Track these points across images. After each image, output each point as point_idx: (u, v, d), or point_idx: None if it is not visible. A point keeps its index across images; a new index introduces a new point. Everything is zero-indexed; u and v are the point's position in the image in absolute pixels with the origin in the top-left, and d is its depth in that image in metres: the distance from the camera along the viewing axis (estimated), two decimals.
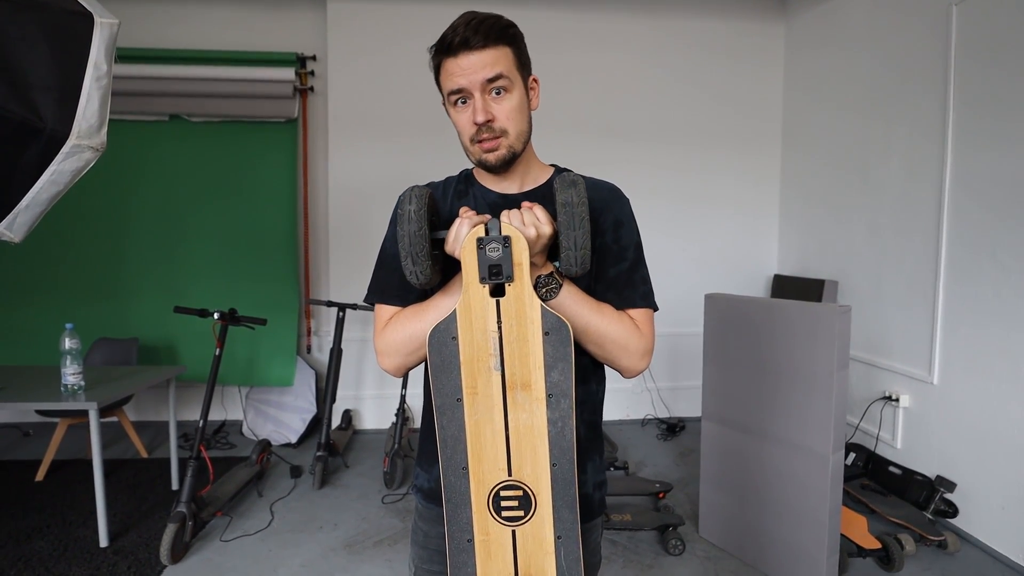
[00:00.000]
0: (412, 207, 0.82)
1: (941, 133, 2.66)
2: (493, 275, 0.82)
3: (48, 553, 2.31)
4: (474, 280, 0.83)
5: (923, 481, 2.62)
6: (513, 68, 0.90)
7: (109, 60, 1.26)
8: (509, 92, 0.90)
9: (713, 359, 2.40)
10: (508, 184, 1.00)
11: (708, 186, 4.05)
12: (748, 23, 3.99)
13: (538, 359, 0.83)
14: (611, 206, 0.99)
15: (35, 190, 1.26)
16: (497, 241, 0.82)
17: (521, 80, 0.92)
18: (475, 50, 0.87)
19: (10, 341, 3.61)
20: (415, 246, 0.82)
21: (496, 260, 0.82)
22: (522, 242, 0.82)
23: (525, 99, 0.93)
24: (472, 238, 0.82)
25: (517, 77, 0.91)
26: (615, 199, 1.01)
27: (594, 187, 0.99)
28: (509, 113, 0.91)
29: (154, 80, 3.56)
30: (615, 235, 0.99)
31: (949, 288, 2.62)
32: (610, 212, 0.99)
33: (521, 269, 0.82)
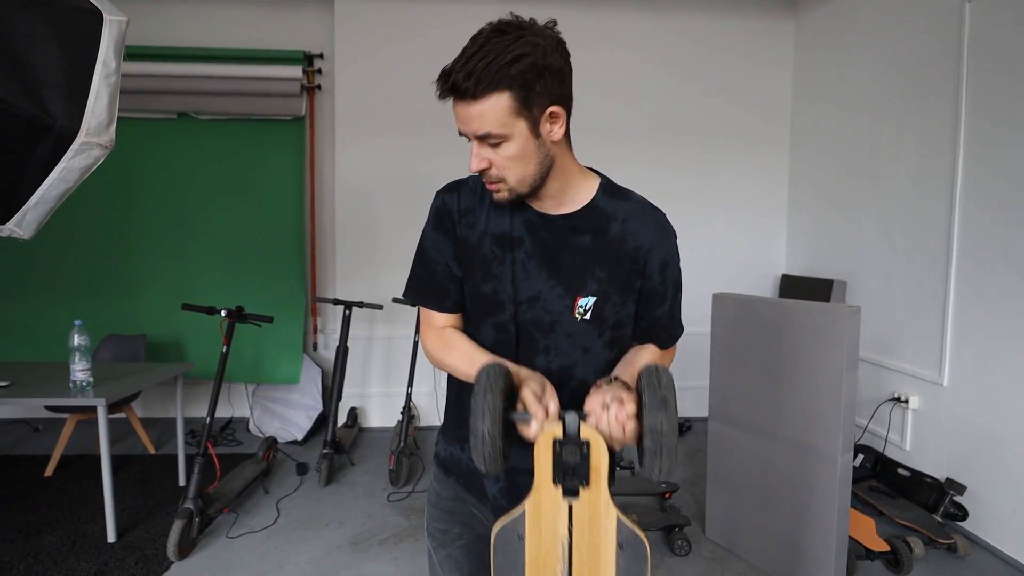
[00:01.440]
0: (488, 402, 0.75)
1: (952, 131, 2.63)
2: (568, 478, 0.77)
3: (57, 548, 2.32)
4: (547, 480, 0.78)
5: (932, 483, 2.60)
6: (510, 116, 0.81)
7: (118, 57, 1.27)
8: (506, 141, 0.83)
9: (721, 359, 2.39)
10: (545, 205, 0.93)
11: (716, 185, 4.03)
12: (757, 21, 3.96)
13: (609, 572, 0.78)
14: (659, 246, 0.93)
15: (44, 187, 1.27)
16: (576, 444, 0.77)
17: (525, 123, 0.82)
18: (467, 100, 0.80)
19: (20, 337, 3.64)
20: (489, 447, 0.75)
21: (573, 464, 0.77)
22: (602, 447, 0.77)
23: (530, 141, 0.84)
24: (548, 437, 0.78)
25: (516, 123, 0.82)
26: (663, 238, 0.93)
27: (640, 223, 0.92)
28: (506, 162, 0.85)
29: (162, 78, 3.58)
30: (661, 277, 0.94)
31: (960, 288, 2.59)
32: (658, 254, 0.93)
33: (598, 474, 0.77)
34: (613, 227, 0.91)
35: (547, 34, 0.82)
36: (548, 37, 0.82)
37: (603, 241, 0.91)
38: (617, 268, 0.91)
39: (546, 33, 0.82)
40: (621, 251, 0.91)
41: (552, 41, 0.82)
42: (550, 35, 0.82)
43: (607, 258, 0.90)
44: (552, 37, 0.82)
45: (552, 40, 0.82)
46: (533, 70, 0.79)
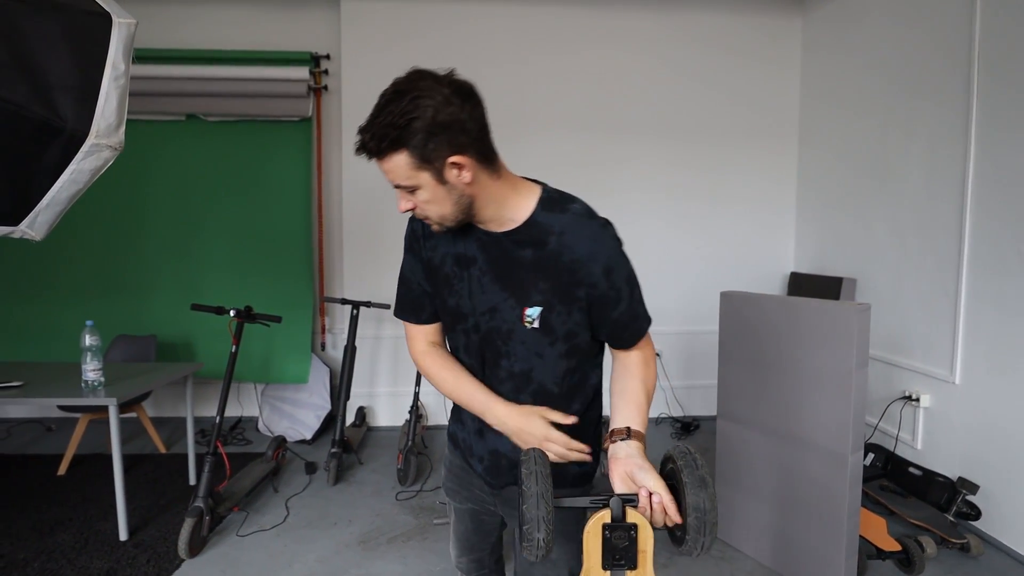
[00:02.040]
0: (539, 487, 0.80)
1: (964, 126, 2.60)
2: (616, 563, 0.83)
3: (70, 545, 2.35)
4: (596, 565, 0.83)
5: (944, 483, 2.57)
6: (411, 171, 0.88)
7: (127, 60, 1.28)
8: (418, 189, 0.91)
9: (729, 358, 2.38)
10: (489, 225, 1.00)
11: (724, 183, 4.01)
12: (764, 18, 3.93)
13: None
14: (596, 256, 0.97)
15: (55, 189, 1.28)
16: (624, 530, 0.83)
17: (429, 175, 0.89)
18: (374, 159, 0.90)
19: (33, 338, 3.69)
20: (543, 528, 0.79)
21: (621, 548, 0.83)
22: (648, 530, 0.84)
23: (438, 188, 0.91)
24: (598, 523, 0.84)
25: (421, 175, 0.89)
26: (599, 248, 0.97)
27: (575, 237, 0.97)
28: (423, 204, 0.93)
29: (170, 80, 3.61)
30: (608, 281, 0.98)
31: (972, 285, 2.56)
32: (596, 262, 0.97)
33: (645, 556, 0.83)
34: (551, 241, 0.97)
35: (441, 89, 0.87)
36: (441, 93, 0.86)
37: (542, 255, 0.97)
38: (557, 280, 0.97)
39: (440, 89, 0.87)
40: (559, 264, 0.96)
41: (444, 97, 0.86)
42: (442, 93, 0.87)
43: (547, 271, 0.97)
44: (445, 93, 0.87)
45: (445, 95, 0.86)
46: (425, 130, 0.86)
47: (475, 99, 0.90)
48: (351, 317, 3.30)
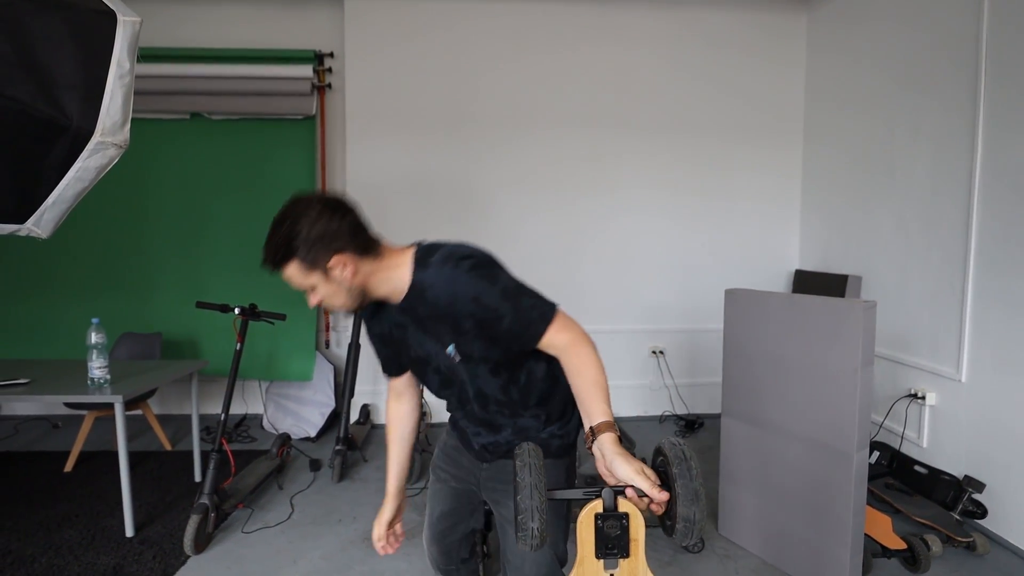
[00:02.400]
0: (532, 478, 0.84)
1: (971, 121, 2.58)
2: (610, 551, 0.85)
3: (77, 542, 2.37)
4: (590, 554, 0.86)
5: (950, 481, 2.56)
6: (303, 276, 1.10)
7: (132, 58, 1.28)
8: (315, 288, 1.12)
9: (733, 355, 2.37)
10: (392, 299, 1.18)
11: (728, 180, 3.99)
12: (768, 16, 3.91)
13: None
14: (459, 296, 1.09)
15: (61, 187, 1.28)
16: (616, 519, 0.85)
17: (318, 275, 1.09)
18: (274, 271, 1.11)
19: (39, 336, 3.71)
20: (537, 517, 0.82)
21: (614, 536, 0.85)
22: (639, 519, 0.87)
23: (329, 284, 1.11)
24: (590, 513, 0.87)
25: (312, 277, 1.10)
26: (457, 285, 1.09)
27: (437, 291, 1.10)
28: (325, 299, 1.14)
29: (175, 79, 3.62)
30: (481, 306, 1.09)
31: (979, 282, 2.55)
32: (461, 301, 1.09)
33: (637, 545, 0.85)
34: (428, 296, 1.12)
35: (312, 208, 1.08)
36: (313, 211, 1.07)
37: (428, 309, 1.14)
38: (447, 322, 1.14)
39: (312, 208, 1.08)
40: (437, 311, 1.13)
41: (316, 213, 1.07)
42: (316, 207, 1.08)
43: (438, 318, 1.14)
44: (316, 210, 1.08)
45: (317, 212, 1.07)
46: (305, 243, 1.07)
47: (343, 209, 1.11)
48: (355, 315, 3.31)
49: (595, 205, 3.92)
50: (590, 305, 3.96)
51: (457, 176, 3.82)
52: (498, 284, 1.10)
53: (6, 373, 2.63)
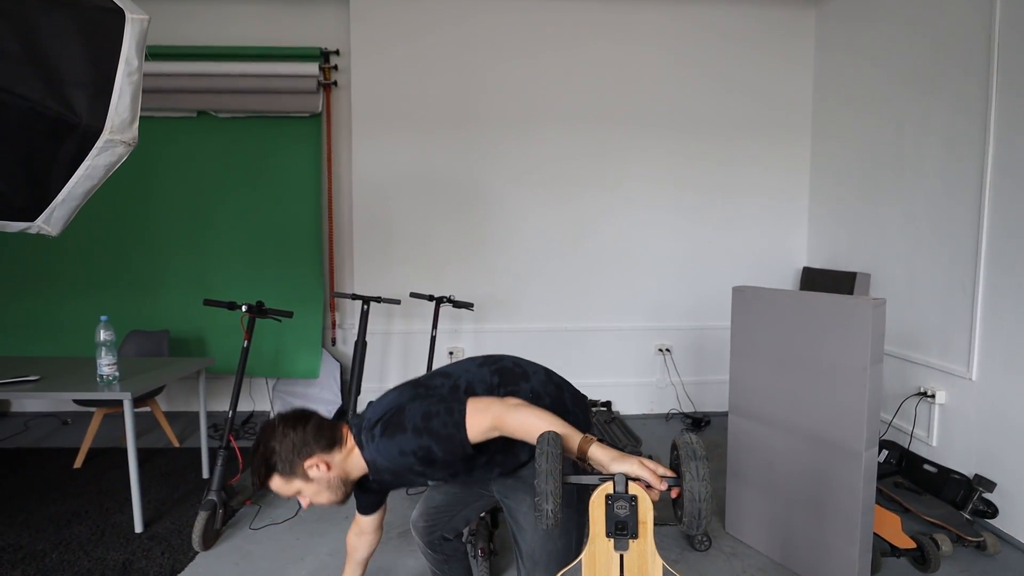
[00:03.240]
0: (549, 464, 0.91)
1: (983, 116, 2.55)
2: (619, 531, 0.90)
3: (86, 537, 2.38)
4: (601, 533, 0.91)
5: (960, 480, 2.54)
6: (287, 484, 1.27)
7: (140, 55, 1.28)
8: (302, 491, 1.28)
9: (741, 353, 2.36)
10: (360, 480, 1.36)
11: (736, 177, 3.97)
12: (777, 11, 3.88)
13: None
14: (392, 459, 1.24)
15: (71, 185, 1.29)
16: (625, 500, 0.91)
17: (299, 481, 1.27)
18: (263, 487, 1.29)
19: (48, 333, 3.74)
20: (552, 500, 0.89)
21: (623, 517, 0.90)
22: (647, 502, 0.92)
23: (311, 485, 1.27)
24: (601, 494, 0.93)
25: (294, 483, 1.27)
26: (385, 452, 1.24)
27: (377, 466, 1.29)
28: (313, 499, 1.30)
29: (182, 77, 3.63)
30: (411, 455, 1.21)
31: (990, 280, 2.52)
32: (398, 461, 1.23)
33: (645, 527, 0.90)
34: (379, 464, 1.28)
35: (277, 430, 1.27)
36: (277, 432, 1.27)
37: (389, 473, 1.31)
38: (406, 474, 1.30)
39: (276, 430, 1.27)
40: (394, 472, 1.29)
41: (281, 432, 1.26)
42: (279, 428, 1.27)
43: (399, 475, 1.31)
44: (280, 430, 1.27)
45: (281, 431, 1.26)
46: (279, 459, 1.26)
47: (303, 418, 1.29)
48: (361, 312, 3.31)
49: (601, 202, 3.91)
50: (596, 302, 3.95)
51: (463, 173, 3.81)
52: (408, 427, 1.21)
53: (16, 370, 2.66)
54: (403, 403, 1.26)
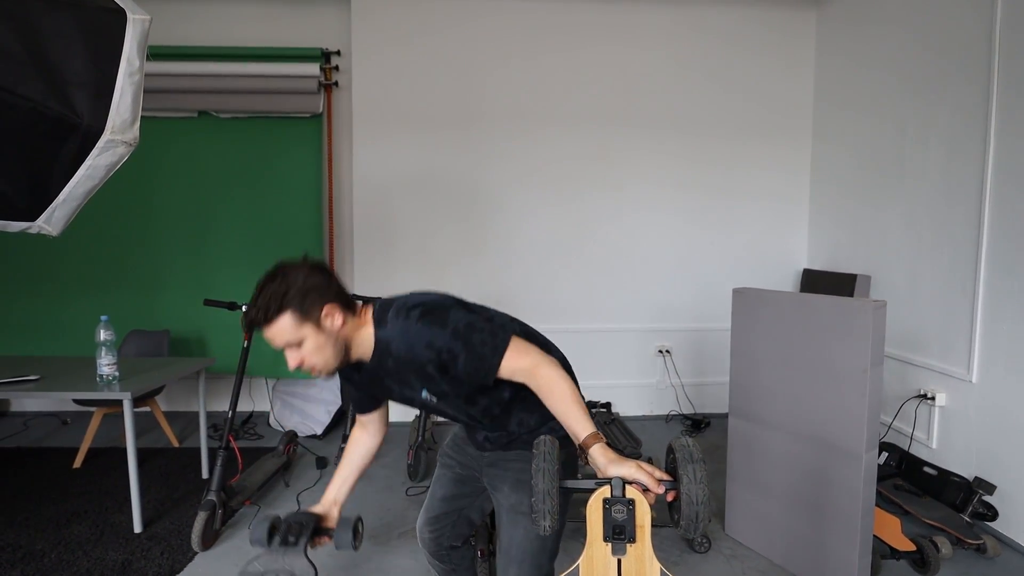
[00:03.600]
0: (546, 464, 0.90)
1: (983, 119, 2.55)
2: (617, 535, 0.89)
3: (86, 537, 2.38)
4: (598, 537, 0.90)
5: (960, 482, 2.54)
6: (296, 327, 1.14)
7: (141, 56, 1.28)
8: (304, 342, 1.15)
9: (741, 354, 2.36)
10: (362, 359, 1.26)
11: (736, 179, 3.98)
12: (778, 12, 3.88)
13: None
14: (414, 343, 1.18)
15: (72, 184, 1.29)
16: (623, 504, 0.90)
17: (310, 327, 1.15)
18: (264, 327, 1.14)
19: (48, 333, 3.74)
20: (548, 501, 0.88)
21: (621, 521, 0.89)
22: (645, 506, 0.91)
23: (319, 336, 1.16)
24: (599, 498, 0.92)
25: (304, 328, 1.14)
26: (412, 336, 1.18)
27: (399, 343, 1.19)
28: (310, 354, 1.17)
29: (183, 77, 3.63)
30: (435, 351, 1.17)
31: (990, 282, 2.52)
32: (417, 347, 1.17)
33: (643, 531, 0.89)
34: (392, 348, 1.21)
35: (302, 266, 1.17)
36: (303, 268, 1.16)
37: (395, 360, 1.23)
38: (412, 371, 1.22)
39: (301, 267, 1.17)
40: (403, 362, 1.21)
41: (307, 269, 1.17)
42: (304, 266, 1.17)
43: (405, 368, 1.23)
44: (306, 267, 1.17)
45: (306, 269, 1.17)
46: (300, 293, 1.14)
47: (328, 271, 1.21)
48: None
49: (602, 203, 3.91)
50: (597, 304, 3.95)
51: (464, 174, 3.81)
52: (448, 326, 1.17)
53: (16, 369, 2.66)
54: (449, 305, 1.22)
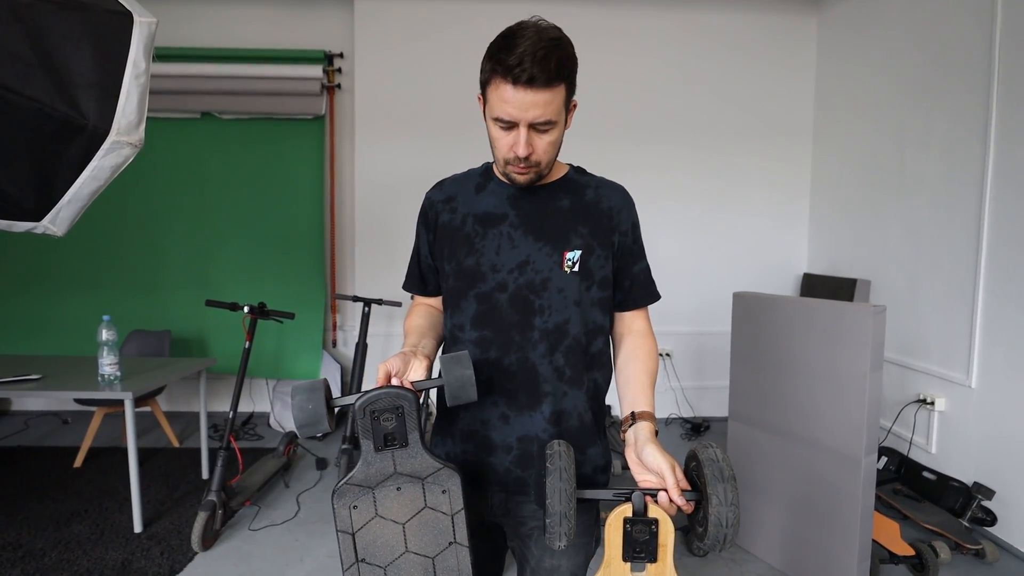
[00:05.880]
0: (563, 484, 0.81)
1: (983, 124, 2.56)
2: (637, 555, 0.83)
3: (86, 537, 2.39)
4: (617, 556, 0.83)
5: (959, 487, 2.54)
6: (562, 107, 0.92)
7: (147, 58, 1.30)
8: (553, 128, 0.93)
9: (741, 359, 2.36)
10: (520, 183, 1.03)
11: (736, 183, 3.98)
12: (778, 17, 3.90)
13: None
14: (627, 208, 1.07)
15: (77, 185, 1.30)
16: (645, 524, 0.83)
17: (564, 114, 0.95)
18: (537, 89, 0.87)
19: (50, 332, 3.75)
20: (565, 505, 0.80)
21: (642, 541, 0.83)
22: (669, 524, 0.84)
23: (562, 129, 0.96)
24: (620, 516, 0.83)
25: (563, 113, 0.94)
26: (626, 203, 1.07)
27: (609, 190, 1.07)
28: (547, 147, 0.95)
29: (186, 78, 3.65)
30: (634, 235, 1.07)
31: (990, 287, 2.53)
32: (628, 214, 1.06)
33: (665, 550, 0.83)
34: (588, 192, 1.05)
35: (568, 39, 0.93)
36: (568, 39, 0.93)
37: (581, 202, 1.03)
38: (596, 224, 1.02)
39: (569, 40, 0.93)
40: (597, 210, 1.03)
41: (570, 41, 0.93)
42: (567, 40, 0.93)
43: (587, 216, 1.02)
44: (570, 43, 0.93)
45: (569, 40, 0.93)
46: (575, 66, 0.93)
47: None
48: (363, 314, 3.32)
49: None
50: None
51: None
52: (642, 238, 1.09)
53: (17, 369, 2.66)
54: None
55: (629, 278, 1.06)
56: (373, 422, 0.85)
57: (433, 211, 1.10)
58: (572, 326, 1.00)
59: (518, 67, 0.86)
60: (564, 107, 0.93)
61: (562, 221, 1.01)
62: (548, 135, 0.93)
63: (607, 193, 1.05)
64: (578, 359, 1.01)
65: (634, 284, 1.07)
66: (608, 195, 1.05)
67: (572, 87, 0.93)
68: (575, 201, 1.02)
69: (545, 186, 1.03)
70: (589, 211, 1.02)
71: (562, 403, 1.01)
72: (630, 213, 1.07)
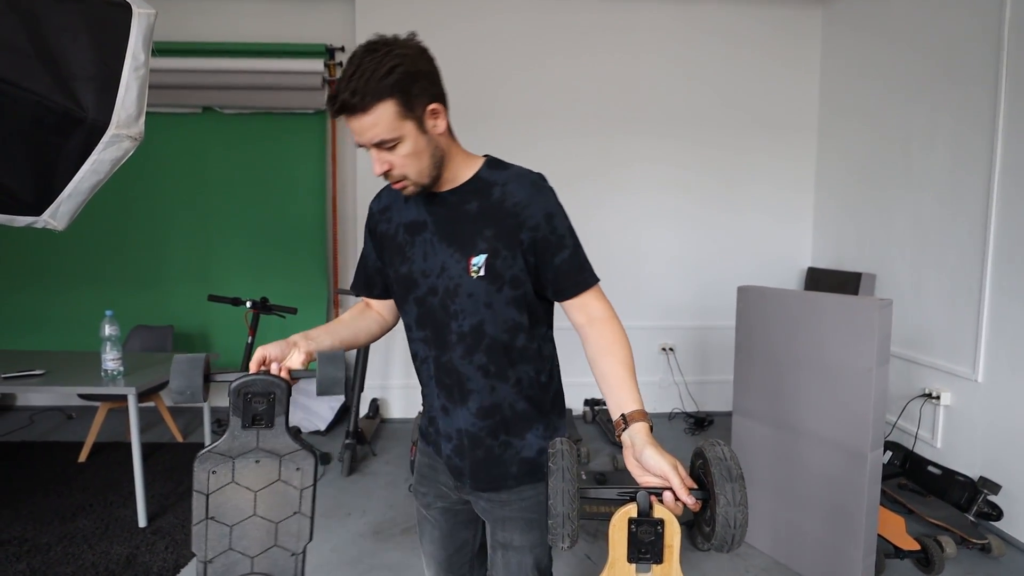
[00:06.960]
0: (565, 485, 0.80)
1: (991, 118, 2.53)
2: (642, 556, 0.81)
3: (91, 531, 2.39)
4: (621, 557, 0.82)
5: (965, 482, 2.53)
6: (397, 120, 0.91)
7: (146, 50, 1.28)
8: (400, 143, 0.93)
9: (745, 353, 2.35)
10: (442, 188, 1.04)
11: (741, 176, 3.96)
12: (782, 11, 3.86)
13: None
14: (536, 201, 1.02)
15: (77, 179, 1.29)
16: (651, 524, 0.81)
17: (412, 124, 0.92)
18: (356, 114, 0.89)
19: (54, 328, 3.75)
20: (568, 524, 0.78)
21: (647, 542, 0.81)
22: (675, 525, 0.82)
23: (420, 138, 0.94)
24: (624, 517, 0.82)
25: (404, 125, 0.92)
26: (539, 191, 1.03)
27: (517, 185, 1.03)
28: (403, 160, 0.95)
29: (187, 73, 3.63)
30: (550, 226, 1.02)
31: (996, 281, 2.51)
32: (537, 205, 1.02)
33: (671, 551, 0.82)
34: (495, 191, 1.02)
35: (411, 45, 0.92)
36: (412, 47, 0.92)
37: (487, 204, 1.02)
38: (501, 225, 1.00)
39: (410, 44, 0.92)
40: (502, 210, 1.01)
41: (416, 50, 0.92)
42: (414, 45, 0.93)
43: (492, 218, 1.01)
44: (415, 47, 0.93)
45: (416, 49, 0.92)
46: (407, 77, 0.89)
47: (434, 61, 0.97)
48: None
49: (606, 202, 3.90)
50: None
51: None
52: (568, 220, 1.05)
53: (21, 364, 2.67)
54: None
55: (552, 270, 1.03)
56: (245, 402, 0.93)
57: (373, 221, 1.16)
58: (488, 326, 1.03)
59: (334, 99, 0.90)
60: (402, 120, 0.91)
61: (469, 226, 1.02)
62: (399, 150, 0.93)
63: (513, 189, 1.02)
64: (500, 356, 1.05)
65: (558, 275, 1.03)
66: (514, 191, 1.01)
67: (407, 99, 0.90)
68: (482, 203, 1.02)
69: (455, 190, 1.03)
70: (494, 212, 1.01)
71: (491, 397, 1.06)
72: (541, 204, 1.02)
